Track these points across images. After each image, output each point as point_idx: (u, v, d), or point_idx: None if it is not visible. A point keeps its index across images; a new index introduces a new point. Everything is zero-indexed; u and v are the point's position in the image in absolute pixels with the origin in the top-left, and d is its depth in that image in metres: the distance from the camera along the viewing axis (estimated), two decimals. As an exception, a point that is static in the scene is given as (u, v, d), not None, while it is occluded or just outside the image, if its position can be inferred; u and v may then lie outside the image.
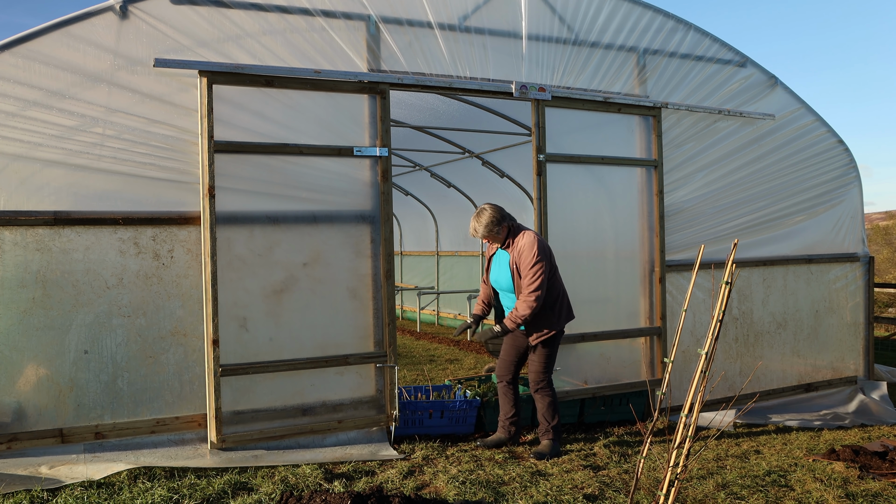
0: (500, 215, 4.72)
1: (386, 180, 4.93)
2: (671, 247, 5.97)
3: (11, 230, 4.07)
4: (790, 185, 6.64)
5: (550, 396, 4.81)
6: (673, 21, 6.01)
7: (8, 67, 4.02)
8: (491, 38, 5.29)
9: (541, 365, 4.79)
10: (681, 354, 6.04)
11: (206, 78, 4.38)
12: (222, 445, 4.42)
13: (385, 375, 4.94)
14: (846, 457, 4.76)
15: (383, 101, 4.90)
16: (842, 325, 6.97)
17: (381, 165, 4.93)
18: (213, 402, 4.41)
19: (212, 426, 4.42)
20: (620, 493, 4.01)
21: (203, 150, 4.39)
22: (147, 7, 4.30)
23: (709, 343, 2.81)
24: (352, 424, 4.81)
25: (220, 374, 4.42)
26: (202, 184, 4.41)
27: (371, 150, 4.86)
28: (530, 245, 4.62)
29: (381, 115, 4.91)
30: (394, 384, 4.93)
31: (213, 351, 4.39)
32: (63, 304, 4.18)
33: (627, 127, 5.89)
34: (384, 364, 4.93)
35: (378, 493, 3.43)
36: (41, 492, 3.74)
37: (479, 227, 4.74)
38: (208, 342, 4.41)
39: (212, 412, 4.42)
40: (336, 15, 4.78)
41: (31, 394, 4.13)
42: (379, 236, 4.93)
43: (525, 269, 4.61)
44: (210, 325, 4.39)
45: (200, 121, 4.41)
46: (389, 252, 4.95)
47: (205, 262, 4.42)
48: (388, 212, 4.94)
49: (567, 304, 4.89)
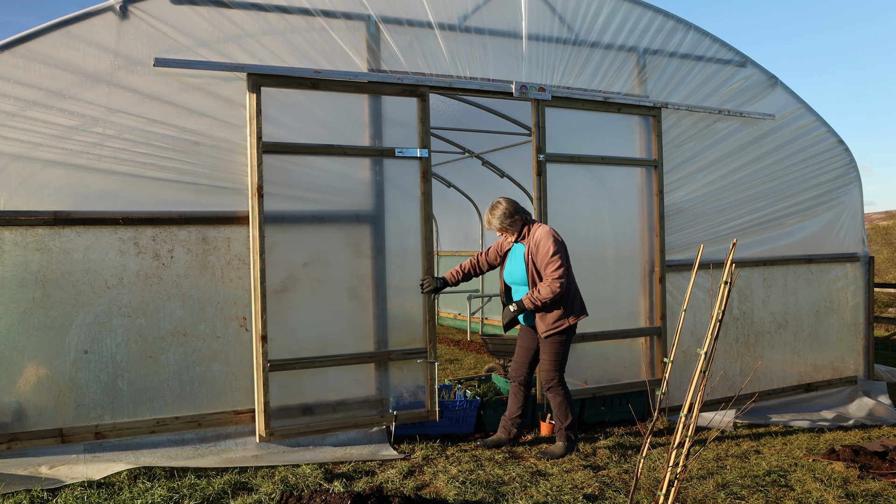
0: (514, 208, 4.78)
1: (426, 181, 5.04)
2: (671, 247, 5.98)
3: (11, 230, 4.07)
4: (790, 184, 6.64)
5: (562, 395, 4.77)
6: (673, 21, 6.01)
7: (8, 67, 4.02)
8: (491, 38, 5.30)
9: (551, 363, 4.75)
10: (681, 354, 6.04)
11: (253, 80, 4.50)
12: (270, 439, 4.55)
13: (426, 371, 5.04)
14: (846, 457, 4.76)
15: (423, 104, 5.02)
16: (842, 324, 6.97)
17: (422, 166, 5.03)
18: (261, 396, 4.53)
19: (260, 420, 4.54)
20: (620, 493, 4.01)
21: (252, 151, 4.51)
22: (147, 7, 4.30)
23: (708, 343, 2.81)
24: (391, 419, 4.92)
25: (269, 370, 4.53)
26: (250, 184, 4.53)
27: (412, 150, 4.97)
28: (547, 235, 4.66)
29: (420, 116, 5.03)
30: (434, 379, 5.05)
31: (262, 347, 4.52)
32: (63, 304, 4.18)
33: (627, 127, 5.90)
34: (425, 360, 5.04)
35: (378, 493, 3.43)
36: (41, 492, 3.75)
37: (492, 218, 4.82)
38: (257, 338, 4.53)
39: (260, 406, 4.53)
40: (336, 15, 4.78)
41: (31, 394, 4.13)
42: (419, 236, 5.07)
43: (544, 258, 4.64)
44: (258, 322, 4.51)
45: (249, 122, 4.52)
46: (430, 251, 5.07)
47: (253, 261, 4.52)
48: (428, 212, 5.05)
49: (580, 300, 4.85)
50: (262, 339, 4.51)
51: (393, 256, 5.00)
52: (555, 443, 4.83)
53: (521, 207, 4.83)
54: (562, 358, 4.77)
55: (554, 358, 4.75)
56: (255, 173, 4.50)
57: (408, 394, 5.04)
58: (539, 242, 4.68)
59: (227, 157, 4.51)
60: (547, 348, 4.76)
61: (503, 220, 4.77)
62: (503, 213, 4.77)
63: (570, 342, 4.84)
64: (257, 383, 4.54)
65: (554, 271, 4.61)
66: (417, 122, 5.02)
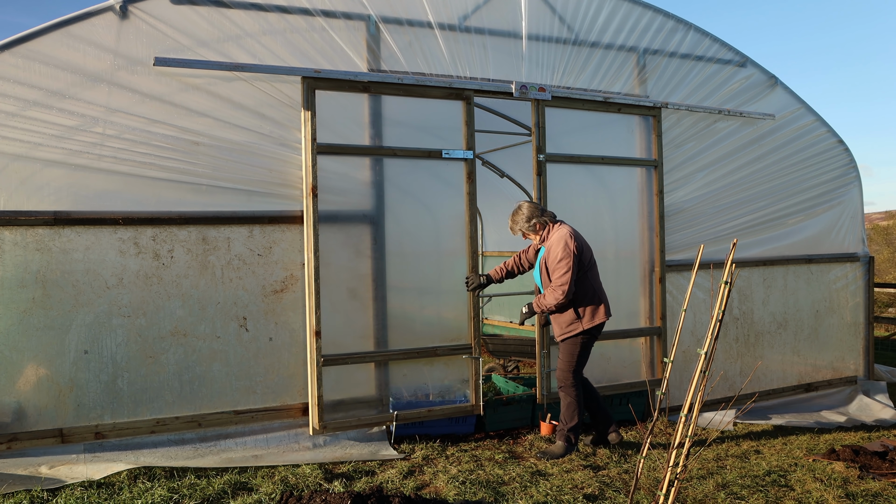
0: (531, 213, 4.83)
1: (471, 181, 5.15)
2: (671, 247, 5.97)
3: (11, 230, 4.07)
4: (790, 184, 6.64)
5: (572, 397, 4.77)
6: (673, 21, 6.01)
7: (8, 67, 4.02)
8: (491, 37, 5.30)
9: (564, 363, 4.79)
10: (681, 354, 6.04)
11: (308, 84, 4.63)
12: (323, 431, 4.69)
13: (470, 366, 5.16)
14: (846, 457, 4.76)
15: (468, 106, 5.16)
16: (842, 324, 6.97)
17: (467, 167, 5.13)
18: (314, 390, 4.66)
19: (314, 413, 4.68)
20: (620, 493, 4.01)
21: (306, 152, 4.63)
22: (147, 7, 4.30)
23: (708, 343, 2.81)
24: (440, 413, 5.04)
25: (322, 364, 4.66)
26: (305, 184, 4.65)
27: (458, 152, 5.10)
28: (559, 240, 4.68)
29: (466, 118, 5.17)
30: (478, 374, 5.17)
31: (316, 342, 4.64)
32: (63, 304, 4.18)
33: (627, 127, 5.89)
34: (470, 355, 5.16)
35: (378, 493, 3.43)
36: (41, 492, 3.75)
37: (512, 224, 4.91)
38: (311, 334, 4.65)
39: (314, 400, 4.67)
40: (336, 15, 4.78)
41: (31, 394, 4.13)
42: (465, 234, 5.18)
43: (553, 264, 4.68)
44: (313, 318, 4.63)
45: (303, 125, 4.64)
46: (475, 250, 5.20)
47: (307, 258, 4.64)
48: (473, 211, 5.16)
49: (599, 306, 4.76)
50: (316, 335, 4.64)
51: (438, 256, 5.19)
52: (555, 443, 4.83)
53: (540, 210, 4.85)
54: (576, 360, 4.77)
55: (567, 359, 4.78)
56: (309, 174, 4.63)
57: (454, 388, 5.19)
58: (552, 247, 4.72)
59: (227, 156, 4.51)
60: (561, 350, 4.81)
61: (522, 224, 4.85)
62: (521, 217, 4.86)
63: (590, 346, 4.82)
64: (311, 377, 4.67)
65: (558, 278, 4.64)
66: (462, 124, 5.17)
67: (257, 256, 4.60)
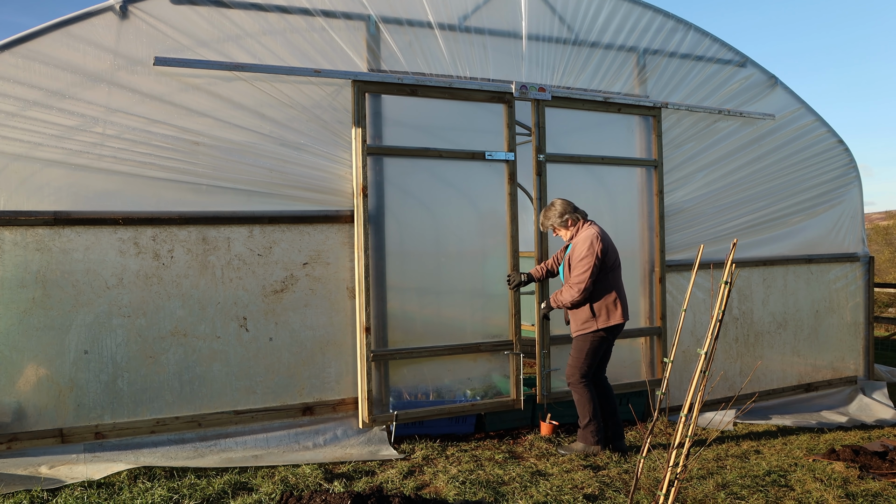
0: (564, 209, 4.94)
1: (512, 182, 5.28)
2: (671, 247, 5.98)
3: (11, 230, 4.07)
4: (790, 184, 6.64)
5: (579, 394, 4.82)
6: (673, 21, 6.01)
7: (8, 67, 4.02)
8: (491, 38, 5.30)
9: (574, 359, 4.85)
10: (681, 354, 6.04)
11: (358, 87, 4.77)
12: (373, 425, 4.83)
13: (511, 362, 5.28)
14: (846, 457, 4.76)
15: (510, 109, 5.27)
16: (842, 324, 6.97)
17: (509, 168, 5.26)
18: (364, 385, 4.79)
19: (363, 407, 4.81)
20: (620, 493, 4.01)
21: (357, 153, 4.78)
22: (147, 7, 4.30)
23: (708, 343, 2.81)
24: (483, 407, 5.19)
25: (371, 359, 4.81)
26: (355, 184, 4.80)
27: (500, 153, 5.20)
28: (585, 240, 4.77)
29: (507, 121, 5.28)
30: (520, 370, 5.27)
31: (366, 338, 4.79)
32: (63, 304, 4.17)
33: (627, 127, 5.90)
34: (511, 351, 5.27)
35: (378, 493, 3.43)
36: (41, 492, 3.74)
37: (544, 219, 5.03)
38: (361, 330, 4.80)
39: (363, 394, 4.80)
40: (336, 15, 4.78)
41: (31, 394, 4.13)
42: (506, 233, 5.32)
43: (575, 261, 4.78)
44: (363, 314, 4.77)
45: (354, 127, 4.78)
46: (515, 249, 5.29)
47: (358, 257, 4.80)
48: (514, 211, 5.28)
49: (616, 308, 4.79)
50: (366, 331, 4.78)
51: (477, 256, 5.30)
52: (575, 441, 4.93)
53: (573, 208, 4.96)
54: (584, 358, 4.80)
55: (576, 355, 4.84)
56: (359, 174, 4.76)
57: (495, 383, 5.28)
58: (577, 244, 4.81)
59: (227, 156, 4.51)
60: (574, 345, 4.88)
61: (554, 219, 4.95)
62: (554, 213, 4.96)
63: (603, 346, 4.85)
64: (361, 372, 4.80)
65: (577, 276, 4.74)
66: (504, 126, 5.26)
67: (257, 256, 4.60)
